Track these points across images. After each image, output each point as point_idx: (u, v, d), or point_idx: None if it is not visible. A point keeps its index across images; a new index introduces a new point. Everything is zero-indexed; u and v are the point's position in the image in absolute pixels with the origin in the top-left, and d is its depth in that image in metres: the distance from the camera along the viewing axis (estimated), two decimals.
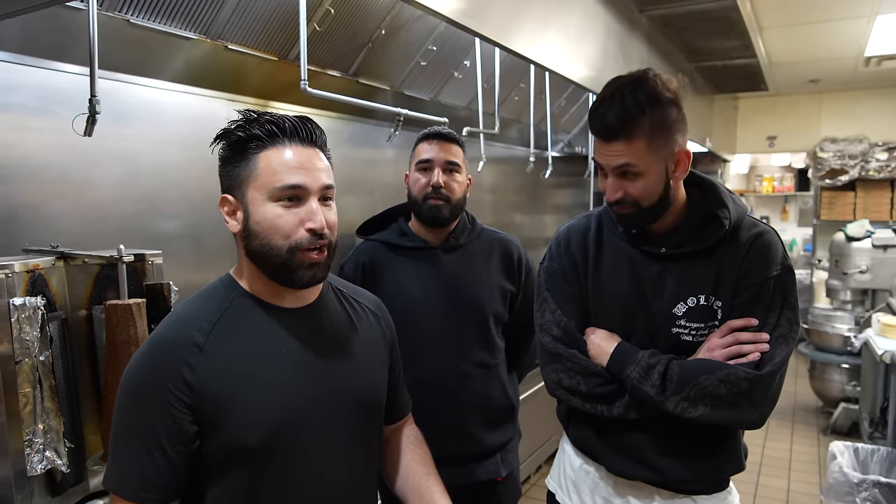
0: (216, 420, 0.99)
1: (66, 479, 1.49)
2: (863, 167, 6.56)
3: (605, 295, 1.43)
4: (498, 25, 2.08)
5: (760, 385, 1.26)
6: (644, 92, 1.25)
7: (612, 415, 1.37)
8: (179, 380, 0.97)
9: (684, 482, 1.39)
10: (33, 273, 1.43)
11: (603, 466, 1.47)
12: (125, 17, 1.84)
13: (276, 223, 1.01)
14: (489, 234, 1.90)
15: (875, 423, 3.77)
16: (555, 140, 4.72)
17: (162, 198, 2.18)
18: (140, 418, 0.98)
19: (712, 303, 1.35)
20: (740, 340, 1.30)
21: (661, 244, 1.38)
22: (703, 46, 4.48)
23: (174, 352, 0.99)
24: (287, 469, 1.03)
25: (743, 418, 1.29)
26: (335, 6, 2.34)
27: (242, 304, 1.06)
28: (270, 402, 1.02)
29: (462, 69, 3.29)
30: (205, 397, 0.98)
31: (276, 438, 1.02)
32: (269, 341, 1.04)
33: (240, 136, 1.03)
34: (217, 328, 1.02)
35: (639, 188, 1.30)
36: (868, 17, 4.19)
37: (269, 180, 1.00)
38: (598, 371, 1.37)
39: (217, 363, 0.99)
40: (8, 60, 1.74)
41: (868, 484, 2.72)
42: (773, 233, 1.38)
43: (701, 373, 1.27)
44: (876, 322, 3.93)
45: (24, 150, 1.79)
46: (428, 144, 1.78)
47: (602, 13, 3.11)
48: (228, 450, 1.00)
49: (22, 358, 1.36)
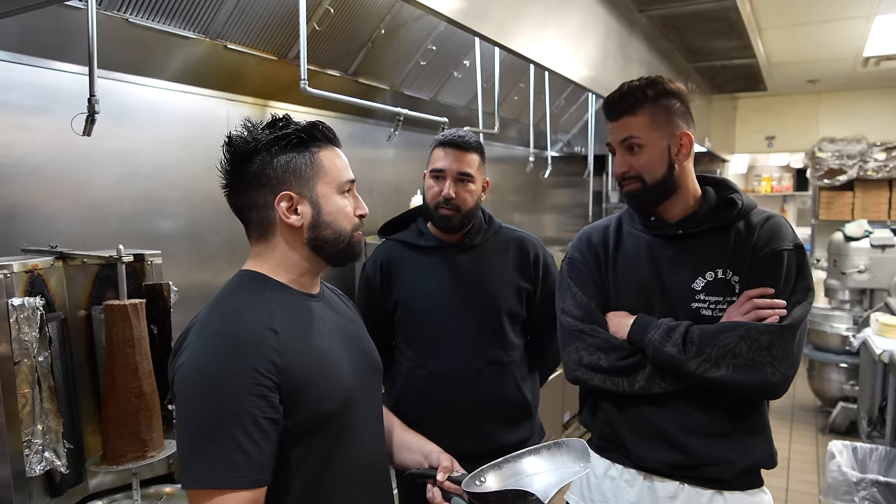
0: (300, 395, 1.06)
1: (65, 480, 1.49)
2: (861, 167, 6.57)
3: (624, 278, 1.49)
4: (498, 25, 2.08)
5: (782, 338, 1.30)
6: (649, 81, 1.44)
7: (633, 389, 1.39)
8: (268, 362, 1.02)
9: (711, 464, 1.38)
10: (32, 273, 1.43)
11: (630, 459, 1.46)
12: (124, 17, 1.83)
13: (346, 211, 1.18)
14: (507, 232, 1.91)
15: (873, 423, 3.77)
16: (554, 140, 4.73)
17: (161, 197, 2.18)
18: (233, 405, 0.99)
19: (730, 277, 1.40)
20: (758, 306, 1.34)
21: (678, 227, 1.45)
22: (703, 46, 4.48)
23: (257, 338, 1.04)
24: (353, 432, 1.16)
25: (765, 380, 1.30)
26: (335, 6, 2.34)
27: (281, 293, 1.14)
28: (339, 372, 1.14)
29: (462, 69, 3.28)
30: (290, 375, 1.05)
31: (345, 404, 1.14)
32: (313, 322, 1.16)
33: (303, 138, 1.14)
34: (278, 314, 1.09)
35: (642, 162, 1.42)
36: (867, 17, 4.19)
37: (336, 176, 1.17)
38: (619, 344, 1.42)
39: (293, 344, 1.08)
40: (6, 59, 1.73)
41: (867, 483, 2.73)
42: (783, 217, 1.47)
43: (722, 331, 1.32)
44: (874, 321, 3.94)
45: (23, 149, 1.78)
46: (442, 151, 1.76)
47: (602, 13, 3.11)
48: (309, 422, 1.08)
49: (21, 358, 1.36)
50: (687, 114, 1.45)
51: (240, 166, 1.12)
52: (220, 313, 1.09)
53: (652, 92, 1.41)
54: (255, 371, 1.01)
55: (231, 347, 1.02)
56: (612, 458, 1.51)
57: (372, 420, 1.24)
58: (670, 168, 1.42)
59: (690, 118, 1.46)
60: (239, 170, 1.12)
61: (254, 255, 1.17)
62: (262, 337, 1.04)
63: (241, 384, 1.00)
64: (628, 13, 3.52)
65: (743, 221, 1.43)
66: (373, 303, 1.89)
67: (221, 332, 1.05)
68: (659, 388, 1.38)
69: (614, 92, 1.46)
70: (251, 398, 1.00)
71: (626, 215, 1.56)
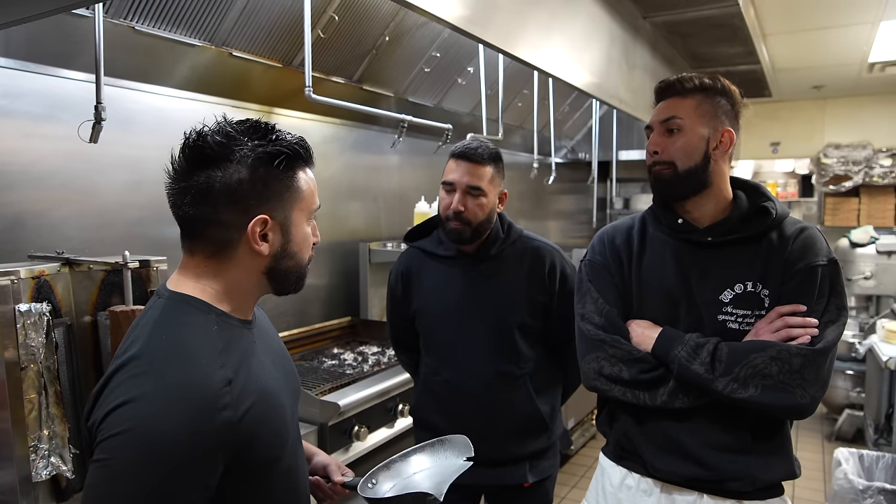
0: (250, 447, 0.94)
1: (70, 485, 1.49)
2: (867, 173, 6.55)
3: (649, 285, 1.43)
4: (502, 32, 2.09)
5: (814, 362, 1.25)
6: (707, 75, 1.41)
7: (654, 403, 1.34)
8: (224, 424, 0.88)
9: (733, 479, 1.34)
10: (39, 279, 1.44)
11: (647, 470, 1.42)
12: (130, 25, 1.85)
13: (309, 241, 1.06)
14: (525, 241, 1.87)
15: (880, 430, 3.75)
16: (558, 146, 4.73)
17: (166, 204, 2.18)
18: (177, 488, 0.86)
19: (759, 290, 1.34)
20: (789, 325, 1.29)
21: (708, 234, 1.39)
22: (707, 53, 4.49)
23: (213, 396, 0.89)
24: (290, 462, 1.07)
25: (794, 402, 1.25)
26: (339, 13, 2.35)
27: (225, 327, 0.99)
28: (284, 411, 1.05)
29: (466, 75, 3.29)
30: (241, 433, 0.91)
31: (290, 441, 1.06)
32: (255, 357, 1.02)
33: (289, 156, 0.99)
34: (228, 356, 0.95)
35: (678, 146, 1.37)
36: (872, 23, 4.19)
37: (310, 202, 1.04)
38: (642, 356, 1.35)
39: (245, 392, 0.94)
40: (14, 67, 1.75)
41: (873, 491, 2.71)
42: (817, 230, 1.40)
43: (752, 351, 1.26)
44: (880, 328, 3.92)
45: (30, 156, 1.80)
46: (455, 164, 1.75)
47: (606, 20, 3.12)
48: (254, 469, 0.97)
49: (27, 364, 1.37)
50: (734, 117, 1.41)
51: (207, 171, 0.95)
52: (167, 355, 0.91)
53: (709, 82, 1.39)
54: (208, 451, 0.87)
55: (188, 408, 0.86)
56: (629, 466, 1.46)
57: (299, 442, 1.15)
58: (706, 160, 1.36)
59: (737, 123, 1.42)
60: (205, 175, 0.96)
61: (190, 273, 1.00)
62: (218, 394, 0.89)
63: (193, 468, 0.87)
64: (632, 20, 3.53)
65: (776, 232, 1.37)
66: (398, 312, 1.95)
67: (175, 385, 0.88)
68: (681, 404, 1.33)
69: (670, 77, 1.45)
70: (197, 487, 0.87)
71: (650, 216, 1.49)
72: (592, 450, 4.27)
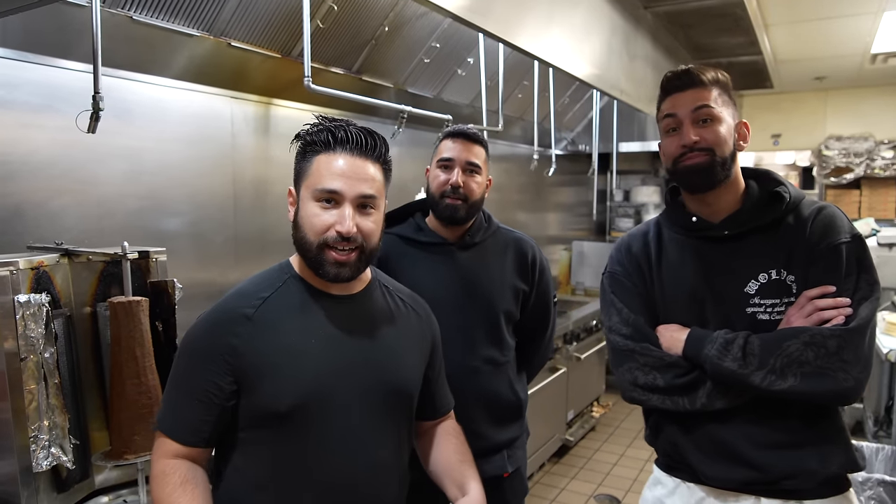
0: (254, 383, 1.12)
1: (71, 476, 1.50)
2: (868, 165, 6.53)
3: (672, 288, 1.40)
4: (502, 21, 2.08)
5: (851, 342, 1.20)
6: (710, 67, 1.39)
7: (694, 407, 1.31)
8: (226, 344, 1.13)
9: (788, 476, 1.28)
10: (38, 270, 1.44)
11: (699, 478, 1.37)
12: (128, 14, 1.84)
13: (312, 221, 1.14)
14: (505, 232, 1.91)
15: (879, 422, 3.76)
16: (558, 138, 4.71)
17: (166, 195, 2.19)
18: (188, 371, 1.16)
19: (785, 277, 1.31)
20: (819, 307, 1.25)
21: (724, 228, 1.36)
22: (709, 43, 4.47)
23: (227, 320, 1.15)
24: (308, 440, 1.14)
25: (838, 387, 1.20)
26: (338, 3, 2.34)
27: (293, 285, 1.20)
28: (303, 374, 1.13)
29: (465, 66, 3.28)
30: (247, 360, 1.12)
31: (303, 408, 1.13)
32: (311, 320, 1.17)
33: (304, 139, 1.18)
34: (267, 303, 1.16)
35: (717, 134, 1.33)
36: (875, 13, 4.17)
37: (314, 181, 1.14)
38: (675, 361, 1.32)
39: (261, 333, 1.14)
40: (11, 57, 1.74)
41: (872, 483, 2.71)
42: (836, 207, 1.36)
43: (784, 339, 1.22)
44: (881, 320, 3.92)
45: (28, 147, 1.79)
46: (452, 142, 1.77)
47: (607, 10, 3.10)
48: (259, 412, 1.13)
49: (27, 355, 1.37)
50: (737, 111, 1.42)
51: None
52: (231, 292, 1.22)
53: (722, 76, 1.37)
54: (213, 350, 1.13)
55: (207, 324, 1.17)
56: (680, 476, 1.42)
57: (354, 438, 1.16)
58: (734, 150, 1.35)
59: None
60: None
61: None
62: (233, 321, 1.15)
63: (199, 357, 1.15)
64: (633, 10, 3.51)
65: (792, 215, 1.33)
66: None
67: (212, 309, 1.19)
68: (722, 404, 1.29)
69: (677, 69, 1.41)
70: (201, 372, 1.13)
71: (664, 219, 1.47)
72: (591, 441, 4.28)
